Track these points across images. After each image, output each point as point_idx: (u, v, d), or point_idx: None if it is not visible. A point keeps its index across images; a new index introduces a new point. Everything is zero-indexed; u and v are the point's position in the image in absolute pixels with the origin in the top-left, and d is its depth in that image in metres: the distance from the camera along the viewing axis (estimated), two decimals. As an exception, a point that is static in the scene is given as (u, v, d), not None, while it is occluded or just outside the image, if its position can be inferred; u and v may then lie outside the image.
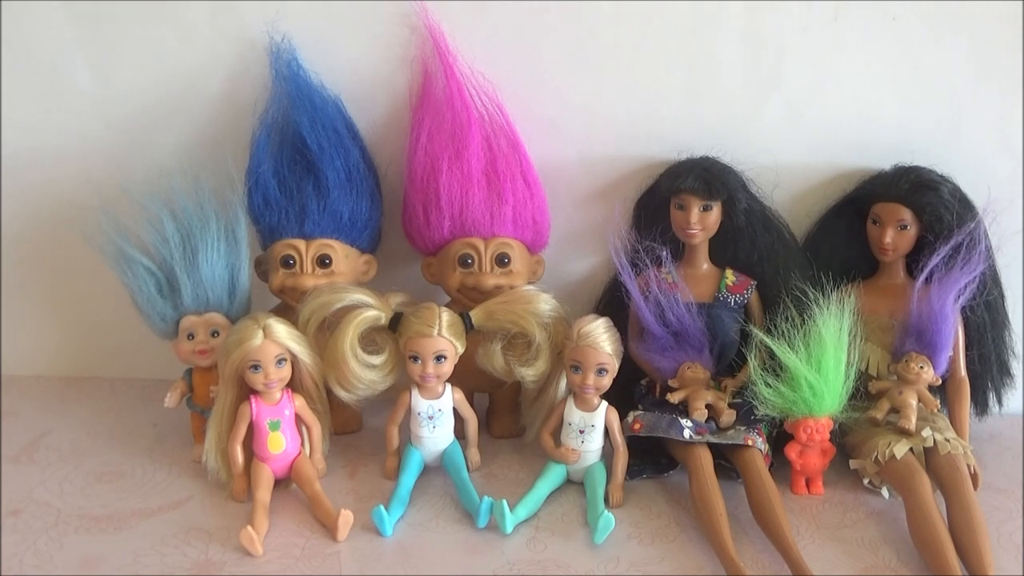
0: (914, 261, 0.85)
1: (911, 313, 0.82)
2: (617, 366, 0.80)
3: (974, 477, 0.76)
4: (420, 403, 0.81)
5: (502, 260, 0.84)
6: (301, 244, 0.84)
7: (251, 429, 0.78)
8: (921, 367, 0.81)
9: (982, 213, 0.84)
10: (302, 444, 0.80)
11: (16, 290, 1.01)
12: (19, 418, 0.94)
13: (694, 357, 0.84)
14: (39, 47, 0.90)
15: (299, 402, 0.79)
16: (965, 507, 0.72)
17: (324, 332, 0.80)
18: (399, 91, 0.89)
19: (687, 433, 0.79)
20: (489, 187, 0.85)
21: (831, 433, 0.80)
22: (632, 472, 0.82)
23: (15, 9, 0.88)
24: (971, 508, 0.72)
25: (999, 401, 0.90)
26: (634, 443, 0.82)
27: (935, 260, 0.81)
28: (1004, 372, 0.89)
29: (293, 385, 0.79)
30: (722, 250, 0.88)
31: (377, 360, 0.80)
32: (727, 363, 0.87)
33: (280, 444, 0.78)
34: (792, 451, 0.80)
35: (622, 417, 0.82)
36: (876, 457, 0.78)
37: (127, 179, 0.87)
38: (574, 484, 0.82)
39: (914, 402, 0.81)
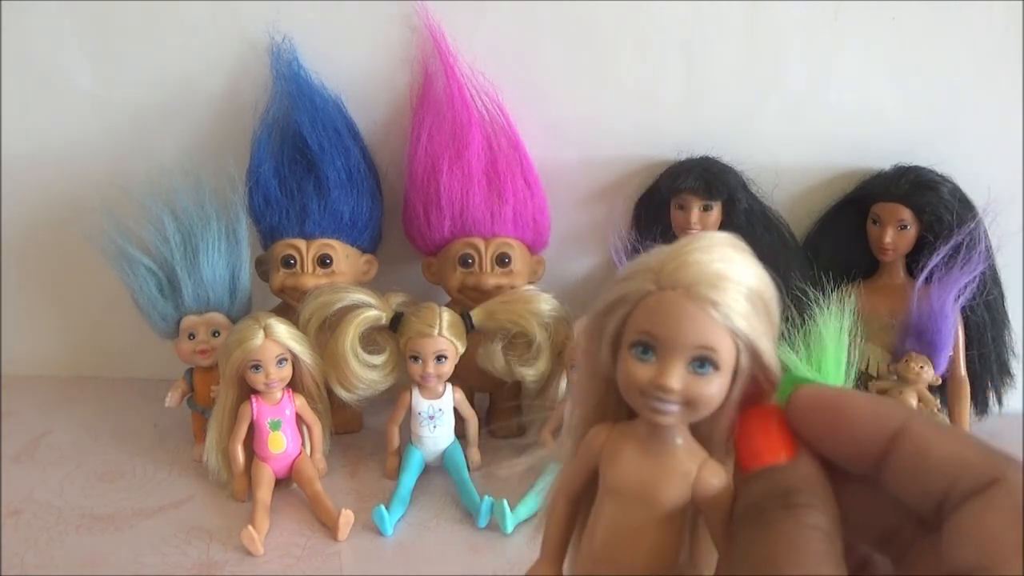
0: (914, 261, 0.85)
1: (911, 313, 0.83)
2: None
3: (974, 477, 0.76)
4: (421, 403, 0.81)
5: (503, 260, 0.84)
6: (302, 244, 0.84)
7: (252, 429, 0.78)
8: (921, 367, 0.81)
9: (982, 213, 0.84)
10: (303, 444, 0.80)
11: (16, 290, 1.01)
12: (19, 418, 0.94)
13: (694, 357, 0.84)
14: (39, 47, 0.90)
15: (300, 402, 0.79)
16: (965, 507, 0.72)
17: (325, 332, 0.80)
18: (399, 91, 0.89)
19: (687, 433, 0.79)
20: (490, 187, 0.85)
21: (831, 433, 0.80)
22: (632, 472, 0.82)
23: (15, 9, 0.88)
24: (971, 508, 0.72)
25: (999, 401, 0.90)
26: (634, 443, 0.81)
27: (935, 260, 0.81)
28: (1004, 372, 0.90)
29: (294, 385, 0.79)
30: (722, 250, 0.88)
31: (378, 360, 0.80)
32: (727, 363, 0.87)
33: (281, 444, 0.78)
34: (792, 451, 0.80)
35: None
36: (876, 457, 0.78)
37: (128, 179, 0.86)
38: (574, 484, 0.82)
39: (914, 402, 0.81)
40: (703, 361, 0.27)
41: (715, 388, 0.27)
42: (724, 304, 0.26)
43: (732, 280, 0.27)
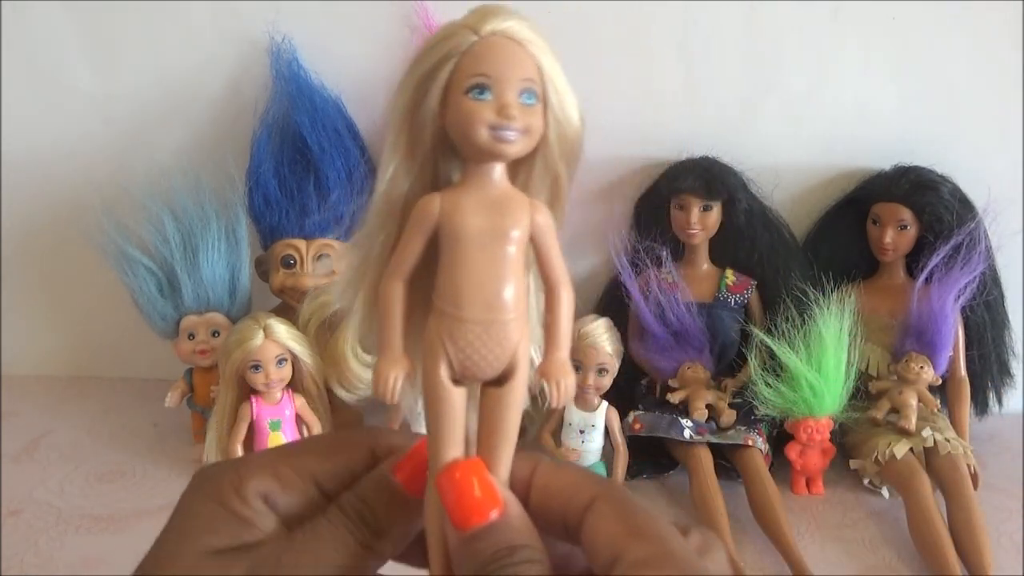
0: (914, 261, 0.85)
1: (911, 313, 0.83)
2: (617, 366, 0.80)
3: (974, 477, 0.76)
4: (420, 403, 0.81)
5: (502, 260, 0.84)
6: (301, 244, 0.84)
7: (251, 429, 0.78)
8: (921, 367, 0.81)
9: (982, 213, 0.84)
10: (302, 444, 0.80)
11: (16, 290, 1.01)
12: (19, 418, 0.94)
13: (694, 357, 0.84)
14: (39, 47, 0.90)
15: (300, 402, 0.79)
16: (965, 507, 0.72)
17: (325, 332, 0.80)
18: (399, 91, 0.89)
19: (687, 433, 0.79)
20: (489, 187, 0.85)
21: (831, 433, 0.80)
22: (632, 472, 0.82)
23: (15, 9, 0.88)
24: (971, 508, 0.72)
25: (999, 401, 0.90)
26: (634, 443, 0.82)
27: (935, 260, 0.81)
28: (1004, 372, 0.90)
29: (294, 385, 0.79)
30: (722, 250, 0.88)
31: (377, 360, 0.80)
32: (727, 363, 0.87)
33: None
34: (792, 451, 0.80)
35: (622, 417, 0.82)
36: (876, 457, 0.78)
37: (128, 179, 0.86)
38: (574, 484, 0.81)
39: (914, 402, 0.81)
40: (529, 92, 0.31)
41: (539, 119, 0.31)
42: (535, 43, 0.31)
43: (534, 28, 0.31)
